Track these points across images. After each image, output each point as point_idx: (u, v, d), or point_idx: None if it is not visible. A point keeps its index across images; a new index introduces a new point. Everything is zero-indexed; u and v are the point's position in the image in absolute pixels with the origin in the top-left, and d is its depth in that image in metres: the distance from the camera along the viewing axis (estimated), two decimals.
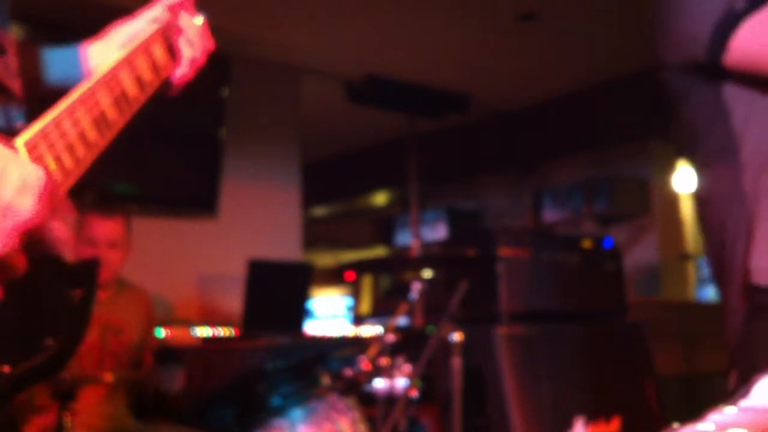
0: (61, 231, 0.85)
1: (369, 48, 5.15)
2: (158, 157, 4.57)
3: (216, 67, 4.91)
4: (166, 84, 1.25)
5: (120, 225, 2.76)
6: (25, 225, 0.77)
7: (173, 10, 1.26)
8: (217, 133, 4.78)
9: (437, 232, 7.21)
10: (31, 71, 1.16)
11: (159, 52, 1.20)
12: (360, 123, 6.51)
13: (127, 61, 1.12)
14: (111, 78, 1.08)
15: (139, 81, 1.14)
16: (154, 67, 1.19)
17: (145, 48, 1.17)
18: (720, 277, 1.39)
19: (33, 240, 0.81)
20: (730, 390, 1.38)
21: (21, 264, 0.80)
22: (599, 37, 4.80)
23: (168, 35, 1.24)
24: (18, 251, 0.79)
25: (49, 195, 0.79)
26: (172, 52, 1.24)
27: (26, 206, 0.77)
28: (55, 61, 1.20)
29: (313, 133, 5.78)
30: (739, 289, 1.32)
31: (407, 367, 2.76)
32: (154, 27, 1.22)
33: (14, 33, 1.13)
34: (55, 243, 0.83)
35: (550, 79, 5.75)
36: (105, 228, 2.71)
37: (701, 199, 1.43)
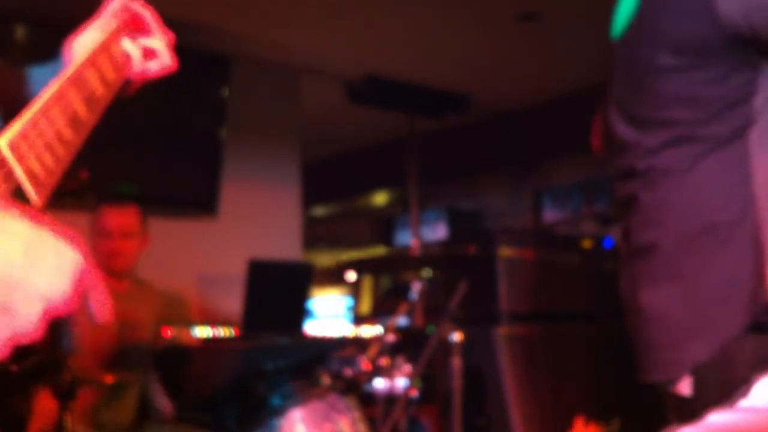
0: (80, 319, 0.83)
1: (369, 48, 5.15)
2: (158, 157, 4.58)
3: (216, 67, 4.94)
4: (126, 83, 1.26)
5: (132, 215, 2.83)
6: (57, 311, 0.74)
7: (125, 9, 1.26)
8: (217, 133, 4.78)
9: (437, 232, 7.21)
10: (16, 91, 1.16)
11: (117, 51, 1.21)
12: (360, 123, 6.50)
13: (91, 61, 1.12)
14: (78, 78, 1.07)
15: (104, 80, 1.14)
16: (115, 65, 1.19)
17: (105, 47, 1.17)
18: (686, 281, 1.30)
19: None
20: (681, 397, 1.31)
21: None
22: (599, 37, 4.79)
23: (124, 34, 1.24)
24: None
25: (83, 281, 0.76)
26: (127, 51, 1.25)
27: (59, 292, 0.73)
28: (40, 79, 1.20)
29: (313, 133, 5.78)
30: (736, 300, 1.26)
31: (407, 367, 2.76)
32: (112, 26, 1.22)
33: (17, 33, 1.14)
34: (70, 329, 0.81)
35: (550, 79, 5.74)
36: (118, 218, 2.79)
37: (685, 195, 1.33)
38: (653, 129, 1.38)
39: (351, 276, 7.06)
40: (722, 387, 1.22)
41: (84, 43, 1.22)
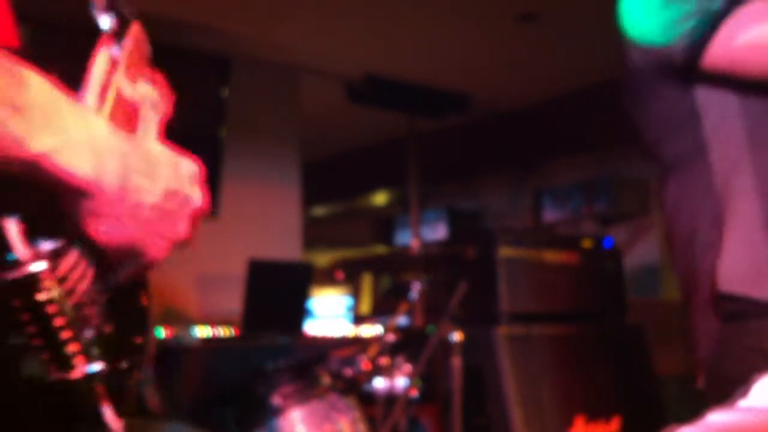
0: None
1: (369, 48, 5.15)
2: None
3: (216, 67, 4.94)
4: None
5: None
6: (198, 212, 0.88)
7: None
8: (217, 133, 4.78)
9: (437, 232, 7.21)
10: None
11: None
12: (360, 123, 6.51)
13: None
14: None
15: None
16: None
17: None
18: (689, 288, 1.34)
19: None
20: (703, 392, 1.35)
21: None
22: (599, 37, 4.79)
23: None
24: None
25: (203, 185, 0.89)
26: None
27: (197, 195, 0.87)
28: None
29: (313, 133, 5.78)
30: (707, 298, 1.29)
31: (407, 367, 2.76)
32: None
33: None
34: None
35: (550, 79, 5.74)
36: None
37: (669, 206, 1.38)
38: (652, 161, 1.45)
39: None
40: (715, 381, 1.26)
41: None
